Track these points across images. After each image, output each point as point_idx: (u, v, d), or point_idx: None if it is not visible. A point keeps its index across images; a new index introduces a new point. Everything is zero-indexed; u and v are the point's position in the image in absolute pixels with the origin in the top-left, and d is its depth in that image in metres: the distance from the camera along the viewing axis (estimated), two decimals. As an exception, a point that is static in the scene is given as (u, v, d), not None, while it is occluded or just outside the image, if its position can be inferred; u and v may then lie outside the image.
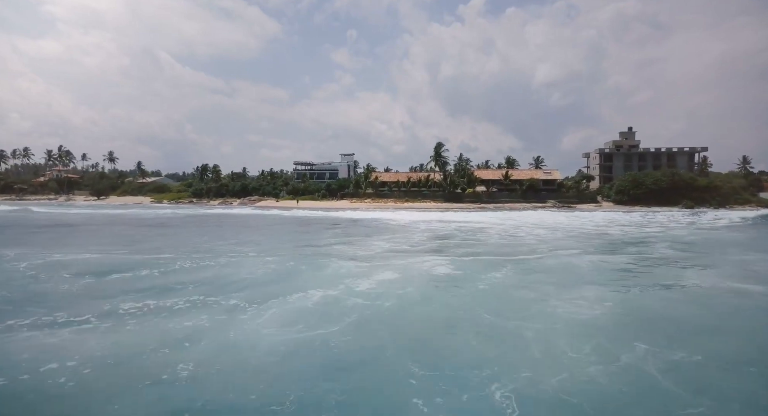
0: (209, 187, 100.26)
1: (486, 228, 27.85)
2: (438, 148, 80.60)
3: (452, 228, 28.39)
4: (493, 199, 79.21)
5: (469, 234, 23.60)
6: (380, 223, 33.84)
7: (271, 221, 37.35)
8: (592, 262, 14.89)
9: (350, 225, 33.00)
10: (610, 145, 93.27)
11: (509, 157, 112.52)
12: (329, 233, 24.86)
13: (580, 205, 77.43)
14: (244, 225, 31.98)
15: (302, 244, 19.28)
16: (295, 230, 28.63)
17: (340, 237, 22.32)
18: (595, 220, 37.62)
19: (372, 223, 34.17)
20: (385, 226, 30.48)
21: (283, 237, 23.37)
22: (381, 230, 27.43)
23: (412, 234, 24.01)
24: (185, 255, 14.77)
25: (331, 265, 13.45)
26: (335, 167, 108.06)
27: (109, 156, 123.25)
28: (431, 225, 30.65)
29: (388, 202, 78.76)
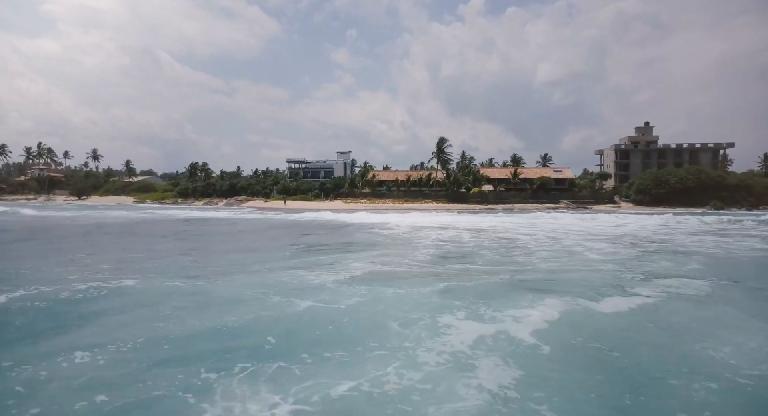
0: (195, 187, 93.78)
1: (513, 238, 21.09)
2: (441, 143, 73.75)
3: (467, 237, 21.60)
4: (501, 199, 72.46)
5: (500, 251, 16.75)
6: (373, 228, 27.14)
7: (240, 226, 30.69)
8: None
9: (333, 231, 26.27)
10: (625, 141, 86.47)
11: (515, 155, 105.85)
12: (296, 247, 18.06)
13: (596, 205, 70.65)
14: (194, 233, 25.30)
15: (237, 266, 12.54)
16: (255, 239, 21.91)
17: (308, 255, 15.55)
18: (635, 225, 30.89)
19: (362, 228, 27.48)
20: (378, 234, 23.70)
21: (224, 253, 16.57)
22: (371, 240, 20.74)
23: (413, 248, 17.24)
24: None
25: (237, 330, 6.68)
26: (330, 165, 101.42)
27: (93, 154, 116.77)
28: (438, 234, 23.89)
29: (386, 202, 72.04)
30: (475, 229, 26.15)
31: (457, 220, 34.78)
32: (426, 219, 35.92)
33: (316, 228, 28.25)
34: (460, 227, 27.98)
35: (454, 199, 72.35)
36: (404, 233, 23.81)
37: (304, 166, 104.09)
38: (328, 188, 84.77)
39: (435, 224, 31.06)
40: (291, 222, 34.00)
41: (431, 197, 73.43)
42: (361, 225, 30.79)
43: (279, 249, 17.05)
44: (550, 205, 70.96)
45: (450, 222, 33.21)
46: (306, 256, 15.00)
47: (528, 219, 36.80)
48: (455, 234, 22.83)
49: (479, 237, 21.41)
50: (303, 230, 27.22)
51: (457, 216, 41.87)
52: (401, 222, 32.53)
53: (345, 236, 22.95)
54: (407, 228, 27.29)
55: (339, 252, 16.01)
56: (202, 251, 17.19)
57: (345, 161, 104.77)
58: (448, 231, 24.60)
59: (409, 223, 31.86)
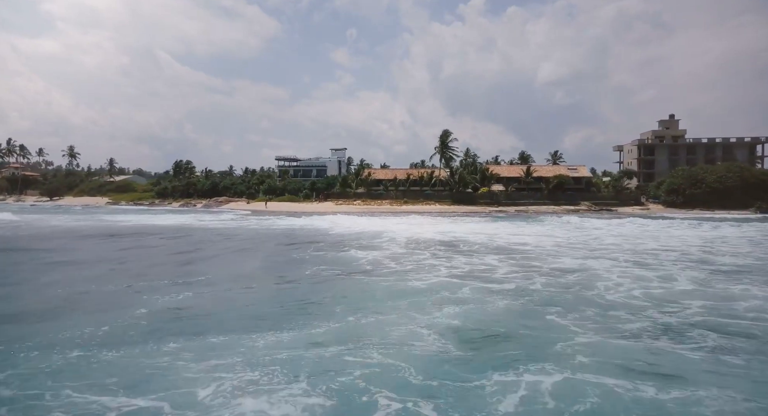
0: (173, 186, 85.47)
1: (584, 272, 12.71)
2: (444, 136, 65.06)
3: (501, 271, 13.18)
4: (513, 201, 63.89)
5: (599, 321, 8.27)
6: (353, 245, 18.77)
7: (166, 245, 22.38)
8: None
9: (290, 250, 17.90)
10: (649, 135, 77.80)
11: (524, 152, 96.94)
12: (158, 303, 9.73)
13: (621, 208, 62.08)
14: (93, 256, 17.10)
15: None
16: (121, 277, 13.64)
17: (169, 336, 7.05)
18: (720, 234, 22.48)
19: (339, 244, 19.14)
20: (353, 262, 15.30)
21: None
22: (334, 283, 12.32)
23: (408, 322, 8.55)
24: None
25: None
26: (323, 163, 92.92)
27: (69, 151, 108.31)
28: (448, 257, 15.46)
29: (383, 203, 63.54)
30: (500, 248, 17.68)
31: (470, 231, 26.16)
32: (429, 229, 27.37)
33: (266, 244, 19.83)
34: (477, 242, 19.52)
35: (460, 199, 63.82)
36: (396, 258, 15.30)
37: (295, 163, 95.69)
38: (319, 188, 76.36)
39: (441, 235, 22.62)
40: (246, 233, 25.57)
41: (434, 198, 64.92)
42: (339, 238, 22.33)
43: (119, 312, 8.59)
44: (569, 206, 62.41)
45: (462, 233, 24.68)
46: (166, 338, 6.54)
47: (563, 228, 28.22)
48: (479, 263, 14.31)
49: (521, 270, 12.94)
50: (241, 250, 18.77)
51: (469, 224, 33.26)
52: (396, 233, 24.08)
53: (296, 268, 14.48)
54: (402, 244, 18.84)
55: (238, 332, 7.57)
56: None
57: (339, 159, 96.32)
58: (462, 253, 16.15)
59: (407, 235, 23.42)
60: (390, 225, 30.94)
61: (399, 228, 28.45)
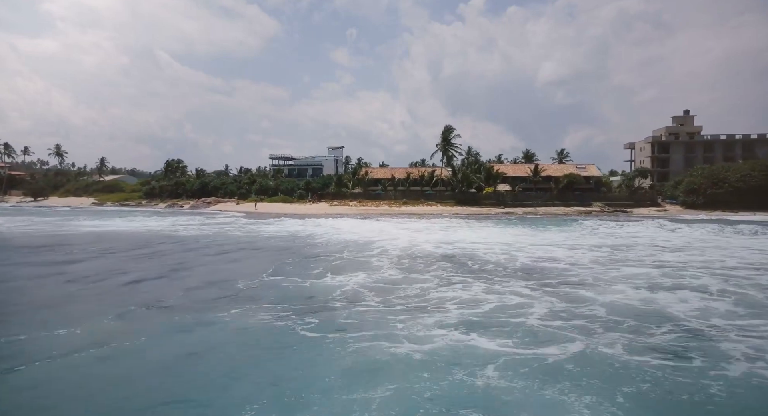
0: (161, 186, 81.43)
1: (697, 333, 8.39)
2: (447, 133, 60.70)
3: (549, 313, 8.87)
4: (519, 201, 59.63)
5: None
6: (335, 262, 14.68)
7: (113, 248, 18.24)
8: None
9: (245, 273, 13.77)
10: (662, 132, 73.49)
11: (528, 151, 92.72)
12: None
13: (636, 209, 57.79)
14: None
15: None
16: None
17: None
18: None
19: (315, 262, 15.03)
20: (331, 288, 11.03)
21: None
22: (291, 324, 8.06)
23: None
24: None
25: None
26: (319, 162, 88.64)
27: (55, 150, 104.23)
28: (470, 285, 11.36)
29: (380, 204, 59.31)
30: (526, 268, 13.45)
31: (481, 240, 21.84)
32: (430, 237, 23.09)
33: (215, 260, 15.60)
34: (493, 256, 15.30)
35: (463, 200, 59.58)
36: (384, 290, 11.06)
37: (290, 162, 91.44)
38: (314, 188, 72.17)
39: (445, 245, 18.40)
40: (208, 241, 21.35)
41: (435, 198, 60.71)
42: (319, 251, 18.11)
43: None
44: (581, 208, 58.14)
45: (471, 242, 20.42)
46: None
47: (591, 235, 23.88)
48: (503, 295, 10.06)
49: (569, 309, 8.69)
50: (171, 271, 14.55)
51: (477, 230, 28.96)
52: (391, 242, 19.86)
53: (230, 308, 10.25)
54: (395, 261, 14.62)
55: None
56: None
57: (336, 157, 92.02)
58: (475, 275, 11.93)
59: (404, 244, 19.22)
60: (386, 231, 26.74)
61: (395, 234, 24.24)
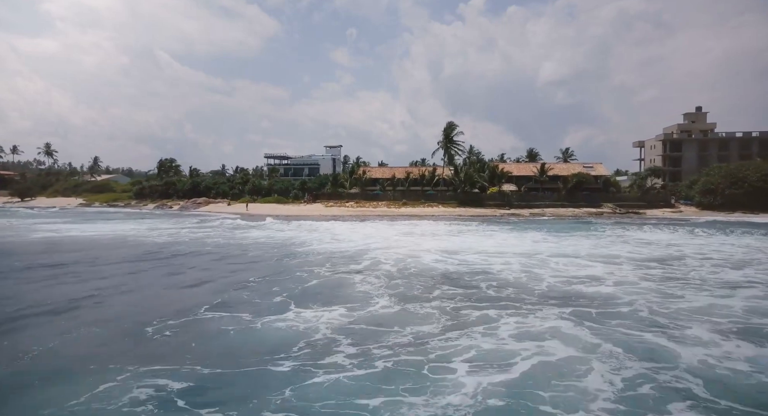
0: (151, 186, 78.38)
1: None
2: (449, 129, 57.39)
3: (619, 383, 5.92)
4: (526, 202, 56.39)
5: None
6: (309, 285, 11.46)
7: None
8: None
9: (186, 306, 10.53)
10: (674, 129, 70.18)
11: (532, 150, 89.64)
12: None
13: (649, 210, 54.56)
14: None
15: None
16: None
17: None
18: None
19: (283, 285, 11.68)
20: (292, 332, 7.77)
21: None
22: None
23: None
24: None
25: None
26: (316, 161, 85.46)
27: (45, 149, 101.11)
28: (489, 320, 8.16)
29: (379, 205, 56.09)
30: (559, 292, 10.24)
31: (494, 250, 18.53)
32: (432, 245, 19.84)
33: (157, 284, 12.44)
34: (512, 274, 12.12)
35: (466, 201, 56.34)
36: (366, 334, 7.83)
37: (286, 161, 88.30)
38: (310, 187, 69.00)
39: (450, 257, 15.20)
40: (174, 251, 18.16)
41: (436, 199, 57.49)
42: (295, 266, 14.88)
43: None
44: (591, 209, 54.96)
45: (482, 253, 17.17)
46: None
47: (620, 243, 20.60)
48: (538, 340, 6.83)
49: (652, 376, 5.46)
50: (83, 300, 11.39)
51: (486, 237, 25.69)
52: (385, 253, 16.66)
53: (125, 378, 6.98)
54: (388, 282, 11.43)
55: None
56: None
57: (334, 156, 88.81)
58: (494, 303, 8.73)
59: (400, 255, 16.03)
60: (381, 236, 23.55)
61: (392, 241, 21.05)
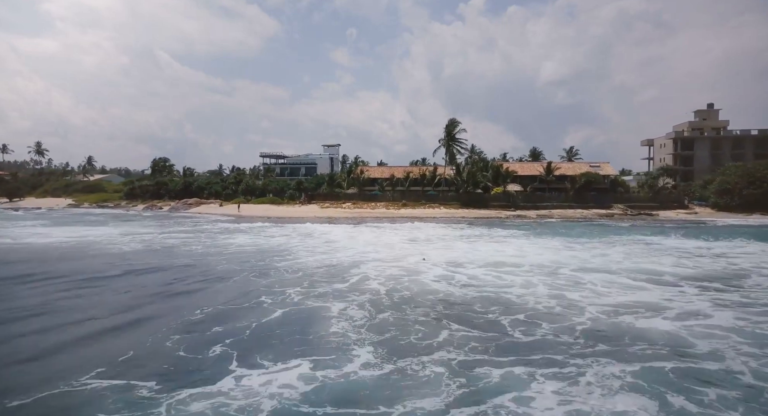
0: (141, 186, 75.73)
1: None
2: (451, 126, 54.57)
3: None
4: (532, 203, 53.62)
5: None
6: (272, 319, 8.64)
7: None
8: None
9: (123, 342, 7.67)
10: (685, 127, 67.37)
11: (535, 149, 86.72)
12: None
13: (662, 211, 51.75)
14: None
15: None
16: None
17: None
18: None
19: (251, 306, 9.07)
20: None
21: None
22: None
23: None
24: None
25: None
26: (313, 160, 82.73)
27: (36, 148, 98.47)
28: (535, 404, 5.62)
29: (377, 206, 53.35)
30: (617, 340, 7.52)
31: (509, 262, 15.69)
32: (436, 256, 17.04)
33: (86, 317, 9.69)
34: (539, 300, 9.43)
35: (469, 202, 53.58)
36: None
37: (282, 161, 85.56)
38: (306, 187, 66.29)
39: (458, 273, 12.48)
40: (145, 261, 15.41)
41: (438, 199, 54.73)
42: (265, 286, 12.14)
43: None
44: (600, 210, 52.15)
45: (496, 267, 14.39)
46: None
47: (653, 254, 17.69)
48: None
49: None
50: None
51: (497, 244, 22.87)
52: (379, 267, 13.93)
53: None
54: (379, 314, 8.71)
55: None
56: None
57: (331, 156, 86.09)
58: (527, 356, 6.01)
59: (398, 270, 13.28)
60: (378, 243, 20.82)
61: (387, 249, 18.30)
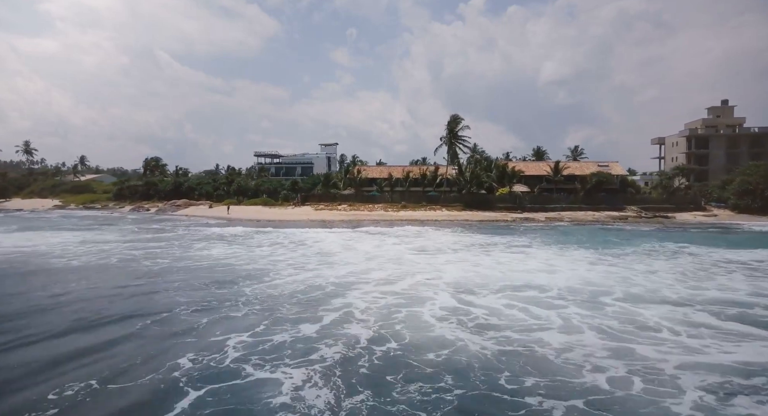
0: (130, 187, 72.70)
1: None
2: (453, 123, 51.35)
3: None
4: (539, 205, 50.43)
5: None
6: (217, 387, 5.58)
7: None
8: None
9: None
10: (698, 125, 64.14)
11: (539, 148, 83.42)
12: None
13: (678, 213, 48.55)
14: None
15: None
16: None
17: None
18: None
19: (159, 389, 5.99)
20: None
21: None
22: None
23: None
24: None
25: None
26: (309, 160, 79.59)
27: (24, 147, 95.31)
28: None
29: (375, 208, 50.19)
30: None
31: (535, 284, 12.49)
32: (440, 277, 13.87)
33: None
34: (642, 398, 6.26)
35: (473, 203, 50.45)
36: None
37: (277, 160, 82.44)
38: (302, 188, 63.16)
39: (471, 304, 9.33)
40: (71, 288, 12.29)
41: (439, 201, 51.59)
42: (223, 326, 8.99)
43: None
44: (613, 213, 48.99)
45: (521, 289, 11.23)
46: None
47: (720, 270, 14.52)
48: None
49: None
50: None
51: (519, 260, 19.69)
52: (364, 298, 10.85)
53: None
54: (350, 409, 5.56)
55: None
56: None
57: (329, 155, 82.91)
58: None
59: (390, 301, 10.17)
60: (377, 256, 17.70)
61: (392, 265, 15.16)
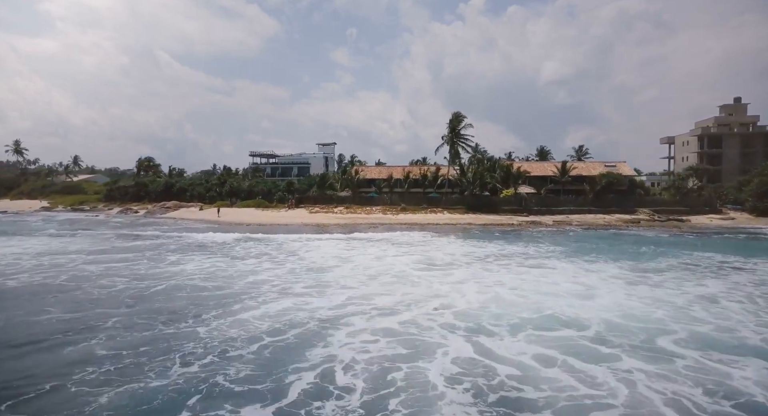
0: (120, 187, 70.29)
1: None
2: (455, 122, 48.71)
3: None
4: (546, 207, 47.86)
5: None
6: None
7: None
8: None
9: None
10: (711, 123, 61.53)
11: (542, 147, 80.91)
12: None
13: (693, 216, 45.97)
14: None
15: None
16: None
17: None
18: None
19: None
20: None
21: None
22: None
23: None
24: None
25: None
26: (306, 160, 77.02)
27: (14, 147, 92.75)
28: None
29: (373, 211, 47.63)
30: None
31: (568, 317, 9.93)
32: (449, 305, 11.34)
33: None
34: None
35: (476, 205, 47.91)
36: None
37: (273, 160, 79.89)
38: (298, 189, 60.62)
39: (494, 358, 6.83)
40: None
41: (441, 203, 49.04)
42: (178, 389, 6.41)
43: None
44: (625, 216, 46.45)
45: (553, 325, 8.72)
46: None
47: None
48: None
49: None
50: None
51: (538, 278, 17.08)
52: (352, 348, 8.30)
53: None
54: None
55: None
56: None
57: (326, 155, 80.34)
58: None
59: (390, 335, 7.63)
60: (379, 273, 15.21)
61: (395, 287, 12.66)
